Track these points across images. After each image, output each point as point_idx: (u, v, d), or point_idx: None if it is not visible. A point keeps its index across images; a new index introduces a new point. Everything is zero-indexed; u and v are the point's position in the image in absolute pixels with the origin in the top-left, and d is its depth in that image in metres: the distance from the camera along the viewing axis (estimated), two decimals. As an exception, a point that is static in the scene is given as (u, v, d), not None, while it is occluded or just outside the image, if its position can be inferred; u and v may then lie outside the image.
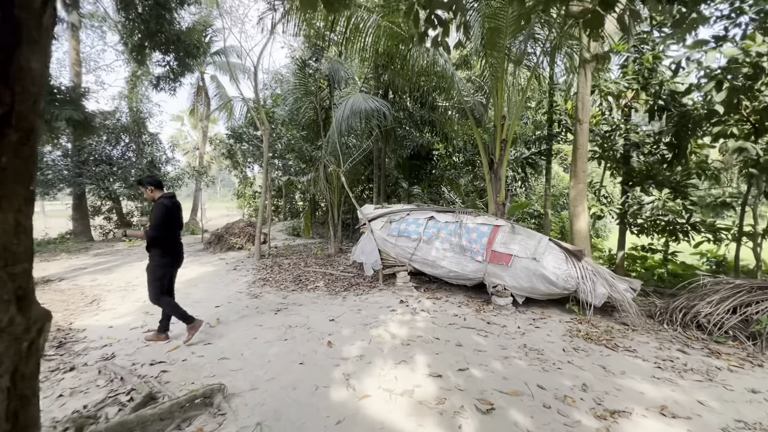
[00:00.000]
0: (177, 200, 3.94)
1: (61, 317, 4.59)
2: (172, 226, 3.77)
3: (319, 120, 8.49)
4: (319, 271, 7.00)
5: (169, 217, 3.71)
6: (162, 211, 3.66)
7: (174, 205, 3.80)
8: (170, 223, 3.73)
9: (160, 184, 3.90)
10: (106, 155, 13.07)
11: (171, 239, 3.80)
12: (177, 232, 3.88)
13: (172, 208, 3.76)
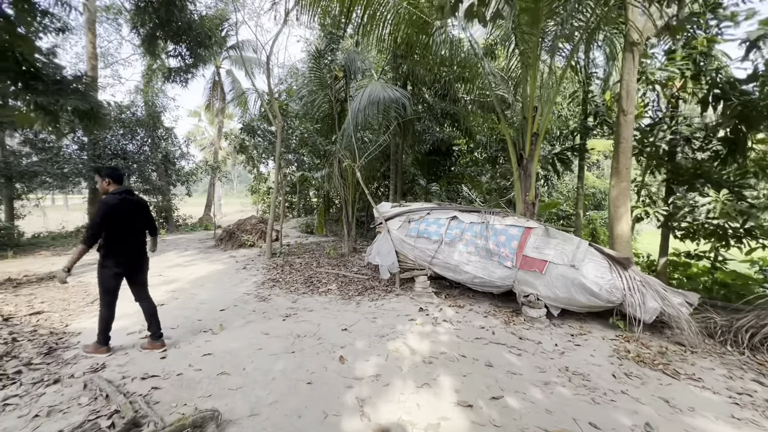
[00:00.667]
0: (135, 198, 3.47)
1: (58, 318, 4.31)
2: (116, 226, 3.23)
3: (334, 113, 8.07)
4: (332, 273, 6.59)
5: (112, 216, 3.19)
6: (102, 209, 3.18)
7: (123, 202, 3.28)
8: (113, 224, 3.20)
9: (119, 178, 3.43)
10: (121, 149, 13.00)
11: (116, 242, 3.26)
12: (125, 233, 3.31)
13: (119, 207, 3.24)
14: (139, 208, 3.47)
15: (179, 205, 15.56)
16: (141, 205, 3.52)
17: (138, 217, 3.44)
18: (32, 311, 4.44)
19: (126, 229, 3.32)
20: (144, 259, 3.57)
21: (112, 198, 3.27)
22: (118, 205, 3.25)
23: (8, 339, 3.59)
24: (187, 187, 15.23)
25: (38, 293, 5.27)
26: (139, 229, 3.49)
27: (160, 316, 3.69)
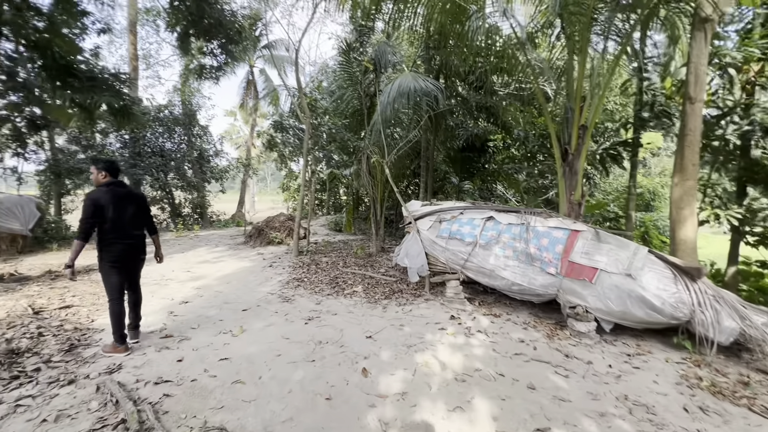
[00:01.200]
0: (126, 189, 3.42)
1: (85, 313, 4.31)
2: (105, 218, 3.17)
3: (363, 108, 7.81)
4: (359, 273, 6.33)
5: (97, 209, 3.14)
6: (86, 204, 3.16)
7: (108, 194, 3.21)
8: (100, 216, 3.15)
9: (114, 171, 3.39)
10: (159, 147, 13.46)
11: (108, 234, 3.21)
12: (116, 225, 3.22)
13: (103, 199, 3.17)
14: (131, 200, 3.38)
15: (213, 202, 15.95)
16: (134, 198, 3.46)
17: (130, 209, 3.35)
18: (63, 305, 4.49)
19: (116, 221, 3.22)
20: (141, 252, 3.51)
21: (97, 192, 3.23)
22: (101, 198, 3.18)
23: (34, 333, 3.58)
24: (221, 183, 15.59)
25: (72, 286, 5.37)
26: (133, 222, 3.38)
27: (185, 313, 3.58)
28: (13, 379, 2.81)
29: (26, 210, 8.32)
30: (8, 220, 7.83)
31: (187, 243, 10.20)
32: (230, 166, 15.36)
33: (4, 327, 3.70)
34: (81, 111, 5.64)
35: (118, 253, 3.27)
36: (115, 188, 3.31)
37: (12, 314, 3.98)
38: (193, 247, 9.51)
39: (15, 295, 4.81)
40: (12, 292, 4.98)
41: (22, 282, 5.63)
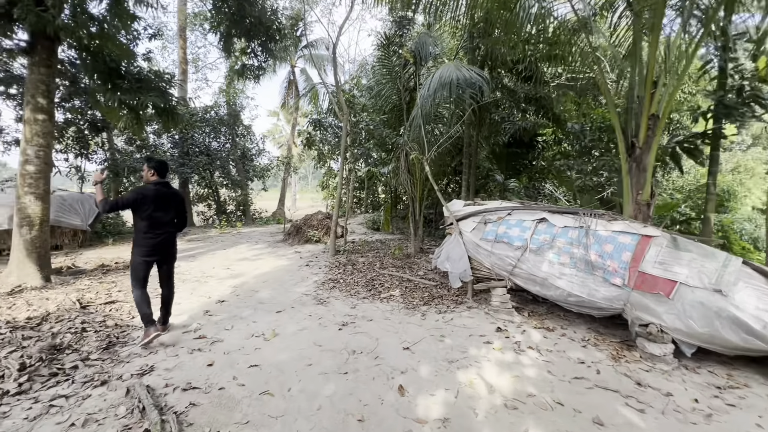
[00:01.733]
0: (171, 190, 3.56)
1: (127, 309, 4.39)
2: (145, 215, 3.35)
3: (402, 103, 7.50)
4: (396, 276, 6.05)
5: (141, 203, 3.33)
6: (133, 194, 3.38)
7: (156, 193, 3.39)
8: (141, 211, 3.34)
9: (162, 171, 3.55)
10: (206, 147, 14.00)
11: (144, 232, 3.38)
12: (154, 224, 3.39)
13: (150, 197, 3.35)
14: (171, 200, 3.53)
15: (255, 200, 16.40)
16: (174, 198, 3.58)
17: (168, 209, 3.51)
18: (108, 300, 4.61)
19: (154, 218, 3.38)
20: (172, 250, 3.66)
21: (148, 188, 3.41)
22: (147, 194, 3.36)
23: (78, 329, 3.65)
24: (263, 182, 15.99)
25: (119, 281, 5.57)
26: (168, 221, 3.55)
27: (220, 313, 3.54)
28: (52, 376, 2.82)
29: (86, 206, 8.89)
30: (70, 215, 8.40)
31: (230, 240, 10.46)
32: (271, 165, 15.69)
33: (52, 321, 3.82)
34: (129, 112, 5.85)
35: (150, 248, 3.42)
36: (160, 188, 3.47)
37: (61, 308, 4.12)
38: (235, 243, 9.73)
39: (68, 288, 5.04)
40: (66, 285, 5.23)
41: (77, 275, 5.93)
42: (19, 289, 4.96)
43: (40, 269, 5.34)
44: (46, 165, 5.40)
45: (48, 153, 5.43)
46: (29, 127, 5.26)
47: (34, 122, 5.27)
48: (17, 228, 5.27)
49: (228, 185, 15.07)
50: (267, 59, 8.48)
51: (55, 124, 10.75)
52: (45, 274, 5.38)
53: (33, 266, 5.28)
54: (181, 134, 13.12)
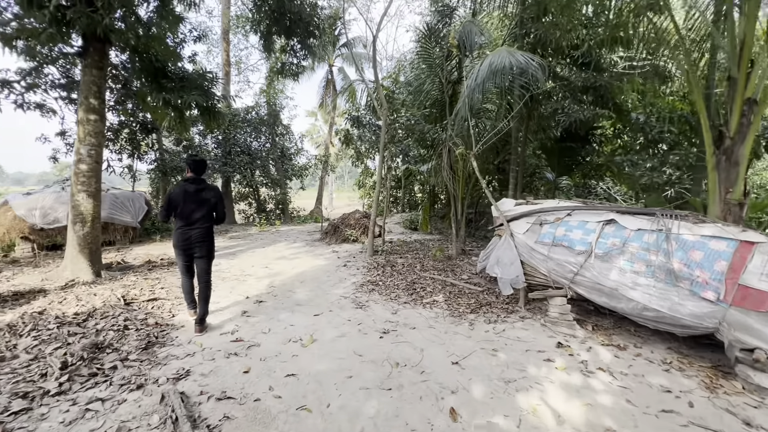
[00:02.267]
0: (198, 186, 3.65)
1: (169, 307, 4.37)
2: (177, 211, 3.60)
3: (445, 96, 7.10)
4: (438, 279, 5.69)
5: (170, 202, 3.62)
6: (165, 199, 3.71)
7: (182, 190, 3.60)
8: (173, 209, 3.61)
9: (195, 168, 3.69)
10: (247, 147, 14.32)
11: (179, 226, 3.63)
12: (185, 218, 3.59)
13: (176, 195, 3.60)
14: (200, 195, 3.64)
15: (294, 199, 16.60)
16: (205, 192, 3.67)
17: (197, 203, 3.62)
18: (151, 297, 4.64)
19: (183, 212, 3.58)
20: (204, 245, 3.71)
21: (176, 188, 3.65)
22: (176, 193, 3.60)
23: (120, 326, 3.65)
24: (301, 180, 16.15)
25: (163, 278, 5.65)
26: (197, 214, 3.63)
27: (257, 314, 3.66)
28: (91, 377, 2.76)
29: (136, 204, 9.29)
30: (122, 213, 8.79)
31: (269, 238, 10.56)
32: (309, 164, 15.80)
33: (98, 317, 3.85)
34: (173, 111, 5.94)
35: (182, 241, 3.64)
36: (188, 185, 3.64)
37: (107, 304, 4.17)
38: (274, 242, 9.78)
39: (115, 284, 5.16)
40: (114, 281, 5.36)
41: (125, 271, 6.11)
42: (72, 284, 5.14)
43: (92, 264, 5.52)
44: (97, 164, 5.58)
45: (99, 152, 5.61)
46: (82, 127, 5.45)
47: (87, 122, 5.45)
48: (71, 225, 5.48)
49: (268, 184, 15.35)
50: (306, 56, 8.41)
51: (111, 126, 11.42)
52: (96, 270, 5.56)
53: (85, 262, 5.48)
54: (223, 134, 13.49)
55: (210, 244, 3.77)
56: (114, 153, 11.64)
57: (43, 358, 2.96)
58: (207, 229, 3.70)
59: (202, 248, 3.69)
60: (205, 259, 3.75)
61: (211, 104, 6.11)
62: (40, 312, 3.83)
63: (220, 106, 6.46)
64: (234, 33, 15.74)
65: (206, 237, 3.71)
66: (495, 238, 5.37)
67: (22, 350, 3.06)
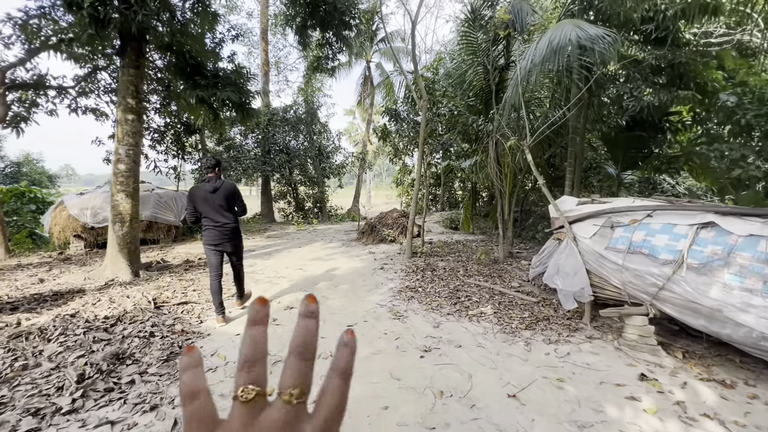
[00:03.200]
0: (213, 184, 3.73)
1: (198, 312, 4.19)
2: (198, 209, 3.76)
3: (491, 83, 6.45)
4: (485, 286, 5.12)
5: (189, 201, 3.78)
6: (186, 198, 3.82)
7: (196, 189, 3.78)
8: (194, 207, 3.76)
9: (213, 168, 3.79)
10: (285, 145, 14.35)
11: (204, 222, 3.80)
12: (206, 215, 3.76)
13: (192, 194, 3.77)
14: (217, 192, 3.71)
15: (331, 197, 16.49)
16: (221, 190, 3.73)
17: (216, 200, 3.71)
18: (183, 300, 4.50)
19: (205, 210, 3.73)
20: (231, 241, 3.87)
21: (191, 190, 3.81)
22: (192, 192, 3.78)
23: (147, 333, 3.48)
24: (339, 179, 15.99)
25: (197, 279, 5.55)
26: (220, 210, 3.74)
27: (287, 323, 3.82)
28: (107, 392, 2.55)
29: (179, 203, 9.48)
30: (166, 212, 8.99)
31: (305, 237, 10.42)
32: (346, 162, 15.60)
33: (126, 321, 3.72)
34: (208, 109, 5.84)
35: (208, 237, 3.81)
36: (203, 184, 3.77)
37: (138, 307, 4.06)
38: (310, 241, 9.61)
39: (150, 285, 5.10)
40: (149, 282, 5.32)
41: (163, 270, 6.11)
42: (110, 284, 5.16)
43: (130, 264, 5.54)
44: (135, 164, 5.58)
45: (137, 152, 5.61)
46: (120, 127, 5.46)
47: (125, 122, 5.45)
48: (111, 224, 5.53)
49: (306, 182, 15.34)
50: (342, 49, 8.08)
51: (157, 128, 11.84)
52: (134, 269, 5.57)
53: (124, 261, 5.50)
54: (262, 134, 13.61)
55: (237, 240, 3.95)
56: (161, 154, 12.11)
57: (65, 367, 2.81)
58: (232, 226, 3.84)
59: (229, 245, 3.86)
60: (234, 256, 3.99)
61: (245, 101, 5.94)
62: (72, 315, 3.77)
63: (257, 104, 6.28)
64: (273, 33, 15.87)
65: (233, 233, 3.87)
66: (550, 241, 4.72)
67: (45, 357, 2.94)
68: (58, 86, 8.12)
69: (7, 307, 4.06)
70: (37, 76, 7.88)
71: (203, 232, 3.84)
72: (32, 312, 3.95)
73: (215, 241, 3.79)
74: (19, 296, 4.48)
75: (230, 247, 3.87)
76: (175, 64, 5.55)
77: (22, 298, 4.37)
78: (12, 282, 5.27)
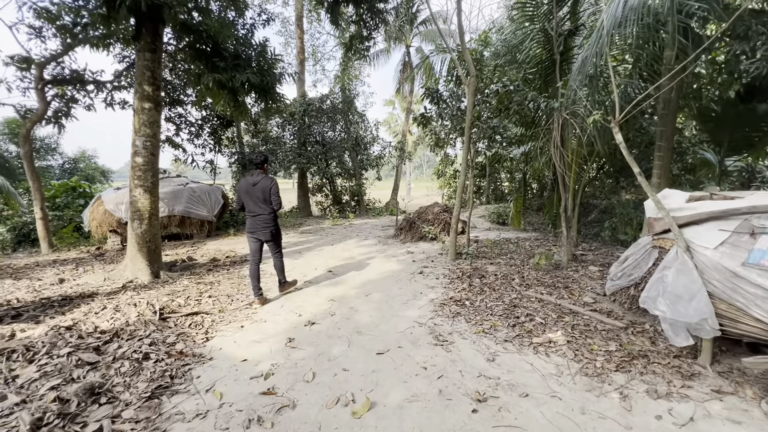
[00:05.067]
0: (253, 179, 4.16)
1: (207, 325, 3.63)
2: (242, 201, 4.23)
3: (555, 51, 5.32)
4: (549, 301, 4.12)
5: (237, 193, 4.30)
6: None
7: (241, 183, 4.27)
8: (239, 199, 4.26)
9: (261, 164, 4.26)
10: (321, 137, 13.81)
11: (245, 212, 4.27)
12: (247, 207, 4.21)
13: (238, 187, 4.33)
14: (256, 186, 4.12)
15: (369, 190, 15.79)
16: (259, 184, 4.13)
17: (254, 193, 4.13)
18: (194, 310, 3.97)
19: (246, 202, 4.19)
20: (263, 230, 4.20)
21: (240, 181, 4.17)
22: (240, 185, 4.27)
23: (141, 354, 2.94)
24: (377, 170, 15.25)
25: (217, 282, 5.06)
26: (257, 203, 4.14)
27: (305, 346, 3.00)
28: (64, 448, 1.99)
29: (212, 198, 9.24)
30: (198, 207, 8.76)
31: (340, 233, 9.82)
32: (384, 153, 14.80)
33: (124, 337, 3.22)
34: (228, 94, 5.31)
35: (248, 226, 4.26)
36: (247, 178, 4.23)
37: (140, 319, 3.57)
38: (344, 237, 8.98)
39: (163, 290, 4.66)
40: (166, 284, 4.91)
41: (187, 270, 5.73)
42: (128, 285, 4.81)
43: (150, 264, 5.17)
44: (153, 156, 5.17)
45: (155, 143, 5.19)
46: (137, 117, 5.05)
47: (141, 111, 5.04)
48: (130, 222, 5.18)
49: (343, 175, 14.77)
50: (378, 25, 7.24)
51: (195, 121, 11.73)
52: (154, 270, 5.20)
53: (143, 261, 5.14)
54: (298, 125, 13.17)
55: (274, 228, 4.28)
56: (198, 147, 12.05)
57: (31, 402, 2.30)
58: (268, 216, 4.20)
59: (265, 232, 4.21)
60: (272, 243, 4.33)
61: (268, 83, 5.33)
62: (69, 326, 3.34)
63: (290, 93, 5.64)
64: (309, 20, 15.36)
65: (268, 222, 4.21)
66: (634, 246, 3.63)
67: (16, 387, 2.46)
68: (93, 80, 8.06)
69: (11, 313, 3.74)
70: (75, 71, 7.85)
71: (245, 220, 4.30)
72: (34, 320, 3.60)
73: (251, 229, 4.23)
74: (30, 300, 4.20)
75: (265, 235, 4.22)
76: (191, 45, 5.04)
77: (30, 303, 4.08)
78: (35, 281, 5.09)
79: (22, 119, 7.62)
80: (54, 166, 16.11)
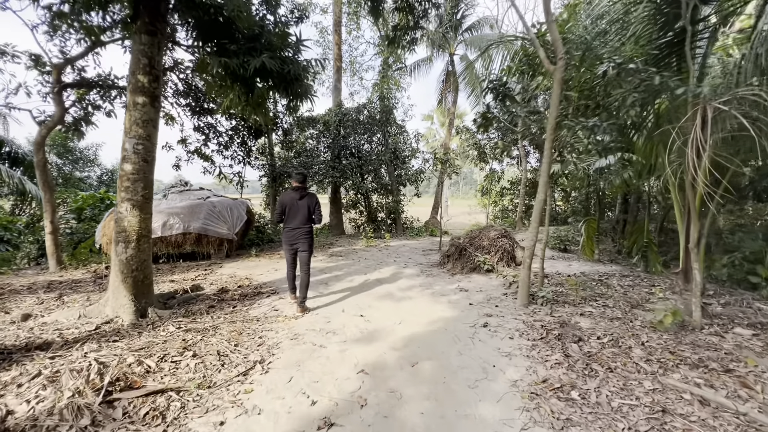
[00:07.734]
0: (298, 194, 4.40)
1: (172, 416, 2.36)
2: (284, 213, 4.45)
3: (686, 23, 3.77)
4: (715, 402, 2.48)
5: (279, 205, 4.50)
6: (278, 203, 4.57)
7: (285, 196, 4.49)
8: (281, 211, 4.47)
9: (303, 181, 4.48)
10: (357, 149, 12.71)
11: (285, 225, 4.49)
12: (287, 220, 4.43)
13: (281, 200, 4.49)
14: (300, 201, 4.40)
15: (407, 207, 14.40)
16: (303, 199, 4.41)
17: (297, 208, 4.40)
18: (161, 383, 2.73)
19: (288, 215, 4.43)
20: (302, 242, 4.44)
21: (283, 196, 4.50)
22: (284, 198, 4.49)
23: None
24: (416, 186, 13.88)
25: (218, 327, 3.82)
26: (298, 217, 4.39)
27: None
28: None
29: (235, 213, 8.27)
30: (218, 223, 7.80)
31: (375, 256, 8.48)
32: (424, 167, 13.44)
33: (32, 441, 2.01)
34: (239, 84, 4.24)
35: (287, 237, 4.47)
36: (291, 193, 4.48)
37: (73, 403, 2.35)
38: (380, 264, 7.62)
39: (139, 340, 3.48)
40: (150, 329, 3.74)
41: (185, 304, 4.60)
42: (104, 328, 3.70)
43: (135, 299, 4.06)
44: (145, 163, 4.12)
45: (149, 147, 4.14)
46: (128, 114, 4.05)
47: (134, 107, 4.03)
48: (114, 245, 4.12)
49: (379, 190, 13.54)
50: (427, 11, 6.00)
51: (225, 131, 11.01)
52: (140, 306, 4.09)
53: (127, 295, 4.03)
54: (332, 136, 12.20)
55: (310, 240, 4.47)
56: (227, 159, 11.32)
57: None
58: (307, 229, 4.44)
59: (303, 244, 4.45)
60: (306, 252, 4.46)
61: (289, 71, 4.19)
62: (-36, 413, 2.19)
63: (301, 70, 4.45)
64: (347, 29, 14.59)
65: (307, 235, 4.44)
66: None
67: None
68: (112, 84, 7.42)
69: None
70: (97, 76, 7.25)
71: (283, 233, 4.49)
72: (-63, 391, 2.50)
73: (290, 242, 4.46)
74: (-37, 350, 3.16)
75: (304, 245, 4.44)
76: (196, 22, 4.02)
77: (-44, 357, 3.03)
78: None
79: (38, 125, 7.05)
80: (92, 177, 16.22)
